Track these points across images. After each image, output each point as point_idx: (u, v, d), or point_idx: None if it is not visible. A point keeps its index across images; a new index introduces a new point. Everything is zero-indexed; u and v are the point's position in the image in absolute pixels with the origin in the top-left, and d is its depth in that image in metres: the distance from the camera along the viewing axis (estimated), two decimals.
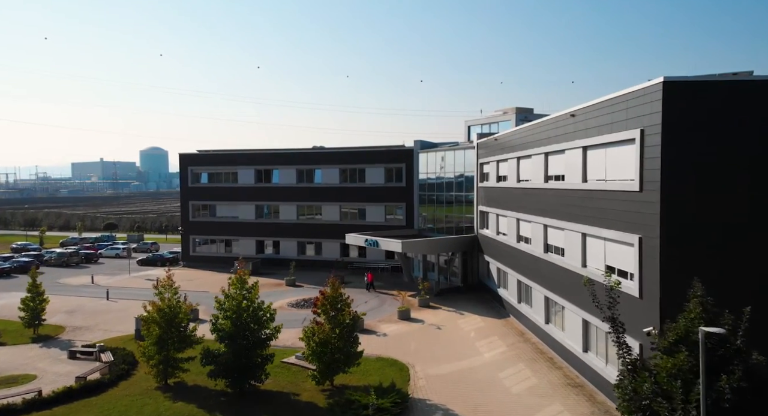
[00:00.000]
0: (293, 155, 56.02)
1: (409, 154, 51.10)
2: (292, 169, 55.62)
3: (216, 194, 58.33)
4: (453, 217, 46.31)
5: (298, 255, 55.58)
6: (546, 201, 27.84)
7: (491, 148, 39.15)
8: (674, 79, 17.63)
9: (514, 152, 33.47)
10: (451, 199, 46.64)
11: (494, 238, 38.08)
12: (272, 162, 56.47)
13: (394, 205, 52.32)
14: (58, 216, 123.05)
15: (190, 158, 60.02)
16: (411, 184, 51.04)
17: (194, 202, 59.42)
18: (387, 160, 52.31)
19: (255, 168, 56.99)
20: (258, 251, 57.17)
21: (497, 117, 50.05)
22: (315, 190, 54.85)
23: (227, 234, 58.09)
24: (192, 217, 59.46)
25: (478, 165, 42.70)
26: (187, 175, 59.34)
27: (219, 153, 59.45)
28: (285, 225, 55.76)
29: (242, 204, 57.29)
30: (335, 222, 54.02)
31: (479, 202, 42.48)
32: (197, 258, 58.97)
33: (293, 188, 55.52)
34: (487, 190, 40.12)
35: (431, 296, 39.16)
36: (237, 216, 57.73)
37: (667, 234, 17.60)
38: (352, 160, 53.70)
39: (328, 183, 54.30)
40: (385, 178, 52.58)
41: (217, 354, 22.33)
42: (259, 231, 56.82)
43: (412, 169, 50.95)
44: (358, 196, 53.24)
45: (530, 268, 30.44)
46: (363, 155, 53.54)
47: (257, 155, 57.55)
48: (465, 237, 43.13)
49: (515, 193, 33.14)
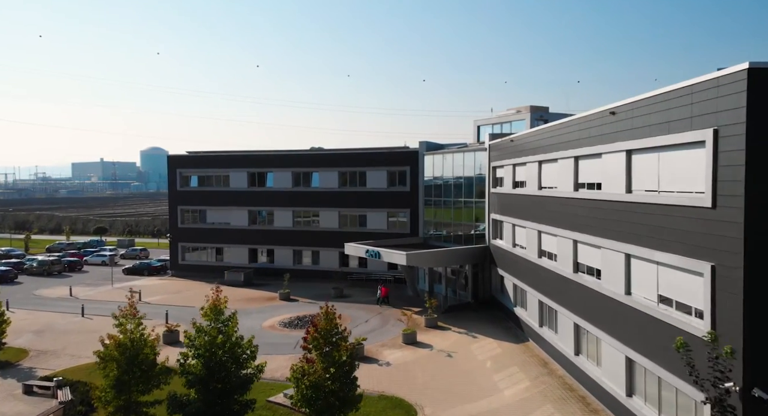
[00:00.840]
0: (289, 157, 52.17)
1: (413, 156, 47.22)
2: (287, 171, 51.75)
3: (206, 198, 54.49)
4: (462, 225, 42.43)
5: (294, 264, 51.72)
6: (576, 212, 23.95)
7: (506, 150, 35.28)
8: (763, 66, 13.72)
9: (534, 155, 29.59)
10: (460, 205, 42.79)
11: (510, 251, 34.20)
12: (266, 164, 52.61)
13: (398, 211, 48.46)
14: (49, 219, 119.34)
15: (179, 160, 56.18)
16: (416, 188, 47.16)
17: (183, 207, 55.58)
18: (390, 163, 48.43)
19: (248, 171, 53.13)
20: (251, 260, 53.29)
21: (509, 116, 46.17)
22: (312, 194, 50.98)
23: (218, 242, 54.23)
24: (181, 223, 55.62)
25: (491, 168, 38.84)
26: (175, 178, 55.50)
27: (209, 155, 55.63)
28: (280, 233, 51.90)
29: (234, 209, 53.45)
30: (334, 230, 50.16)
31: (491, 209, 38.61)
32: (186, 267, 55.13)
33: (289, 192, 51.67)
34: (501, 196, 36.24)
35: (439, 314, 35.30)
36: (229, 223, 53.88)
37: (753, 263, 13.72)
38: (352, 162, 49.83)
39: (327, 187, 50.45)
40: (388, 182, 48.71)
41: (185, 402, 18.42)
42: (252, 239, 52.95)
43: (416, 173, 47.07)
44: (358, 201, 49.37)
45: (555, 289, 26.55)
46: (364, 157, 49.66)
47: (250, 157, 53.70)
48: (476, 248, 39.25)
49: (536, 201, 29.26)
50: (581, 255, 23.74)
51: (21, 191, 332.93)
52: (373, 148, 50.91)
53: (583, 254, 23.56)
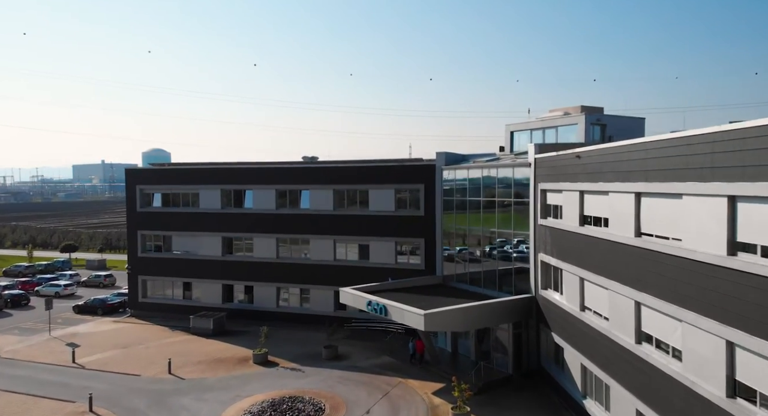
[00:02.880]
0: (272, 171, 41.74)
1: (428, 171, 36.68)
2: (270, 189, 41.31)
3: (171, 222, 44.13)
4: (495, 265, 31.92)
5: (278, 305, 41.31)
6: (731, 290, 13.45)
7: (565, 168, 24.81)
8: None
9: (624, 181, 19.05)
10: (491, 236, 32.32)
11: (573, 314, 23.70)
12: (245, 180, 42.20)
13: (409, 242, 37.94)
14: (25, 232, 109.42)
15: (139, 175, 45.89)
16: (432, 212, 36.62)
17: (144, 232, 45.24)
18: (399, 179, 37.91)
19: (222, 188, 42.72)
20: (225, 298, 42.89)
21: (555, 119, 35.58)
22: (301, 218, 40.52)
23: (186, 276, 43.84)
24: (141, 252, 45.27)
25: (538, 192, 28.34)
26: (134, 196, 45.18)
27: (175, 168, 45.27)
28: (261, 266, 41.48)
29: (205, 235, 43.06)
30: (328, 263, 39.70)
31: (540, 247, 28.13)
32: (148, 306, 44.81)
33: (272, 215, 41.23)
34: (558, 233, 25.75)
35: (470, 397, 24.73)
36: (198, 252, 43.48)
37: None
38: (351, 178, 39.35)
39: (320, 209, 39.98)
40: (397, 204, 38.21)
41: None
42: (227, 273, 42.55)
43: (433, 192, 36.53)
44: (359, 227, 38.90)
45: (667, 398, 16.00)
46: (367, 172, 39.15)
47: (225, 171, 43.29)
48: (517, 301, 28.74)
49: (632, 254, 18.71)
50: (740, 366, 13.23)
51: (17, 195, 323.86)
52: (378, 160, 40.43)
53: (747, 362, 13.05)
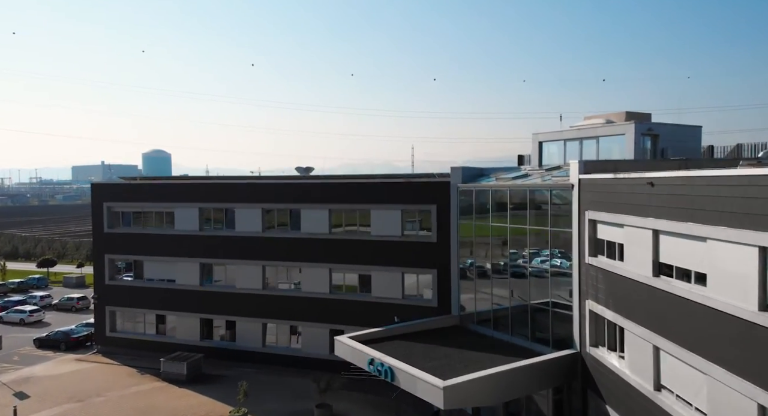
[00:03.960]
0: (259, 188, 35.81)
1: (442, 189, 30.69)
2: (256, 208, 35.35)
3: (143, 245, 38.21)
4: (528, 309, 25.95)
5: (264, 344, 35.39)
6: None
7: (627, 196, 18.84)
8: None
9: (731, 228, 12.99)
10: (521, 271, 26.39)
11: (643, 392, 17.68)
12: (227, 197, 36.23)
13: (419, 273, 31.97)
14: (8, 241, 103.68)
15: (106, 190, 40.06)
16: (446, 238, 30.62)
17: (112, 256, 39.35)
18: (407, 198, 31.92)
19: (200, 206, 36.79)
20: (204, 335, 36.96)
21: (595, 129, 29.53)
22: (292, 242, 34.55)
23: (160, 307, 37.93)
24: (110, 279, 39.39)
25: (584, 221, 22.39)
26: (101, 213, 39.30)
27: (149, 183, 39.38)
28: (244, 297, 35.54)
29: (181, 261, 37.13)
30: (322, 296, 33.75)
31: (587, 293, 22.16)
32: (117, 341, 38.93)
33: (258, 239, 35.29)
34: (615, 279, 19.75)
35: None
36: (174, 280, 37.56)
37: None
38: (351, 196, 33.36)
39: (313, 232, 34.00)
40: (404, 227, 32.24)
41: None
42: (206, 305, 36.62)
43: (448, 214, 30.52)
44: (359, 254, 32.94)
45: None
46: (368, 190, 33.15)
47: (204, 187, 37.35)
48: (559, 360, 22.73)
49: (745, 330, 12.66)
50: None
51: (14, 197, 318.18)
52: (383, 175, 34.51)
53: None
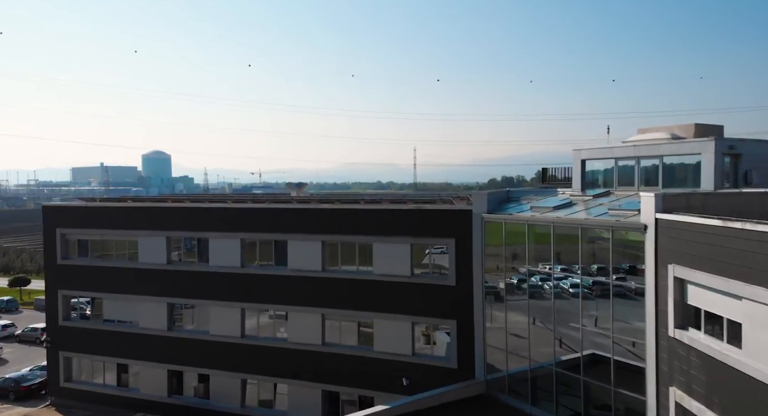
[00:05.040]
0: (239, 214, 29.58)
1: (463, 219, 24.43)
2: (234, 239, 29.17)
3: (102, 280, 32.05)
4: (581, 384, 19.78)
5: (243, 405, 29.14)
6: None
7: (744, 255, 12.65)
8: None
9: None
10: (568, 330, 20.27)
11: None
12: (200, 224, 30.06)
13: (433, 323, 25.78)
14: None
15: (60, 214, 33.85)
16: (468, 281, 24.37)
17: (66, 293, 33.23)
18: (419, 230, 25.68)
19: (167, 235, 30.64)
20: (173, 389, 30.75)
21: (660, 145, 23.18)
22: (277, 280, 28.35)
23: (121, 355, 31.75)
24: (63, 319, 33.28)
25: (667, 279, 16.27)
26: (54, 241, 33.17)
27: (109, 206, 33.12)
28: (220, 346, 29.34)
29: (145, 300, 30.96)
30: (313, 348, 27.52)
31: (670, 377, 16.01)
32: (73, 393, 32.79)
33: (236, 276, 29.11)
34: (722, 370, 13.49)
35: None
36: (137, 323, 31.42)
37: None
38: (349, 225, 27.11)
39: (303, 268, 27.78)
40: (414, 264, 26.04)
41: None
42: (175, 354, 30.43)
43: (470, 251, 24.27)
44: (359, 297, 26.74)
45: None
46: (372, 218, 26.87)
47: (174, 212, 31.15)
48: None
49: None
50: None
51: (11, 200, 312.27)
52: (388, 197, 28.24)
53: None
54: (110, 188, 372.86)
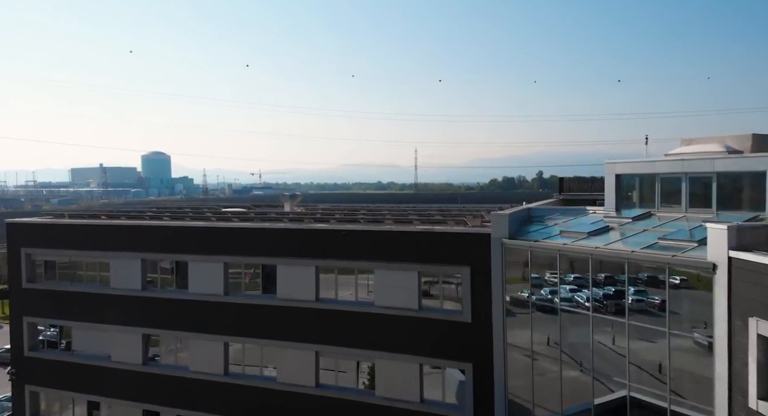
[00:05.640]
0: (220, 234, 25.99)
1: (480, 244, 20.91)
2: (216, 262, 25.64)
3: (71, 306, 28.55)
4: None
5: None
6: None
7: None
8: None
9: None
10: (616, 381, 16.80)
11: None
12: (179, 246, 26.51)
13: (445, 365, 22.25)
14: None
15: (26, 231, 30.33)
16: (486, 316, 20.83)
17: (32, 320, 29.77)
18: (428, 256, 22.12)
19: (143, 257, 27.16)
20: None
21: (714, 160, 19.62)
22: (264, 311, 24.83)
23: (92, 391, 28.24)
24: (29, 349, 29.80)
25: (746, 336, 12.79)
26: (18, 263, 29.70)
27: (78, 224, 29.59)
28: (200, 385, 25.81)
29: (118, 330, 27.48)
30: (306, 390, 23.94)
31: None
32: None
33: (218, 305, 25.60)
34: None
35: None
36: (109, 355, 27.93)
37: None
38: (348, 248, 23.57)
39: (293, 298, 24.26)
40: (423, 297, 22.51)
41: None
42: (150, 392, 26.88)
43: (488, 282, 20.74)
44: (357, 333, 23.20)
45: None
46: (372, 240, 23.34)
47: (149, 231, 27.62)
48: None
49: None
50: None
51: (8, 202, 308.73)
52: (394, 213, 24.71)
53: None
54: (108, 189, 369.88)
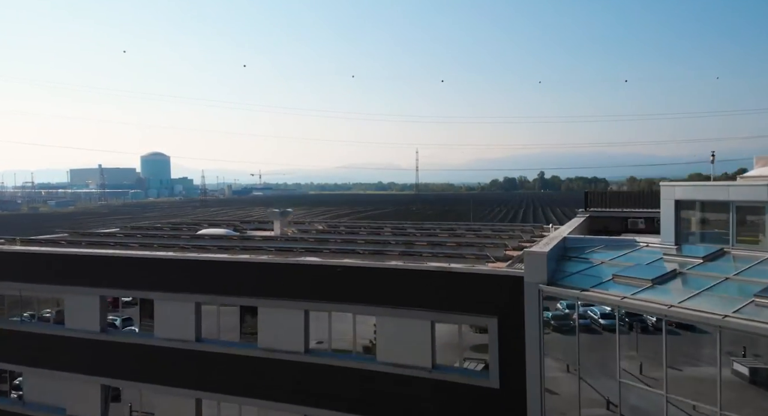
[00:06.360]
0: (193, 267, 21.65)
1: (510, 289, 16.56)
2: (187, 301, 21.32)
3: (20, 349, 24.24)
4: None
5: None
6: None
7: None
8: None
9: None
10: None
11: None
12: (143, 282, 22.18)
13: None
14: None
15: None
16: (519, 381, 16.50)
17: None
18: (444, 301, 17.79)
19: (102, 294, 22.84)
20: None
21: None
22: (242, 363, 20.52)
23: None
24: None
25: None
26: None
27: (28, 252, 25.22)
28: None
29: (75, 379, 23.16)
30: None
31: None
32: None
33: (188, 354, 21.24)
34: None
35: None
36: (64, 410, 23.61)
37: None
38: (342, 288, 19.26)
39: (277, 348, 19.94)
40: (437, 353, 18.18)
41: None
42: None
43: (521, 337, 16.43)
44: (355, 396, 18.87)
45: None
46: (375, 279, 19.02)
47: (110, 262, 23.22)
48: None
49: None
50: None
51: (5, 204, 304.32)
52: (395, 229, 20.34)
53: None
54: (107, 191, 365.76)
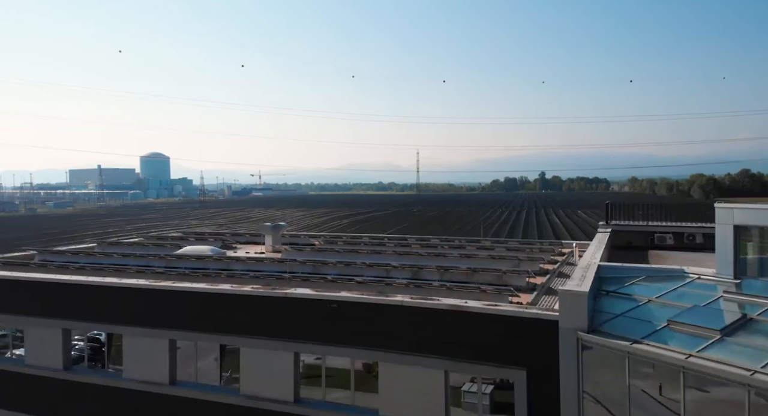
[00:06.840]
0: (167, 298, 18.75)
1: (543, 337, 13.68)
2: (159, 338, 18.43)
3: None
4: None
5: None
6: None
7: None
8: None
9: None
10: None
11: None
12: (110, 314, 19.29)
13: None
14: None
15: None
16: None
17: None
18: (460, 348, 14.92)
19: (65, 326, 19.95)
20: None
21: None
22: (223, 411, 17.63)
23: None
24: None
25: None
26: None
27: None
28: None
29: None
30: None
31: None
32: None
33: (160, 398, 18.35)
34: None
35: None
36: None
37: None
38: (336, 327, 16.37)
39: (262, 396, 17.06)
40: (453, 403, 15.29)
41: None
42: None
43: (555, 391, 13.57)
44: None
45: None
46: (377, 317, 16.11)
47: (74, 291, 20.34)
48: None
49: None
50: None
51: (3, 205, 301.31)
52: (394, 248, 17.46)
53: None
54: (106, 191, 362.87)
